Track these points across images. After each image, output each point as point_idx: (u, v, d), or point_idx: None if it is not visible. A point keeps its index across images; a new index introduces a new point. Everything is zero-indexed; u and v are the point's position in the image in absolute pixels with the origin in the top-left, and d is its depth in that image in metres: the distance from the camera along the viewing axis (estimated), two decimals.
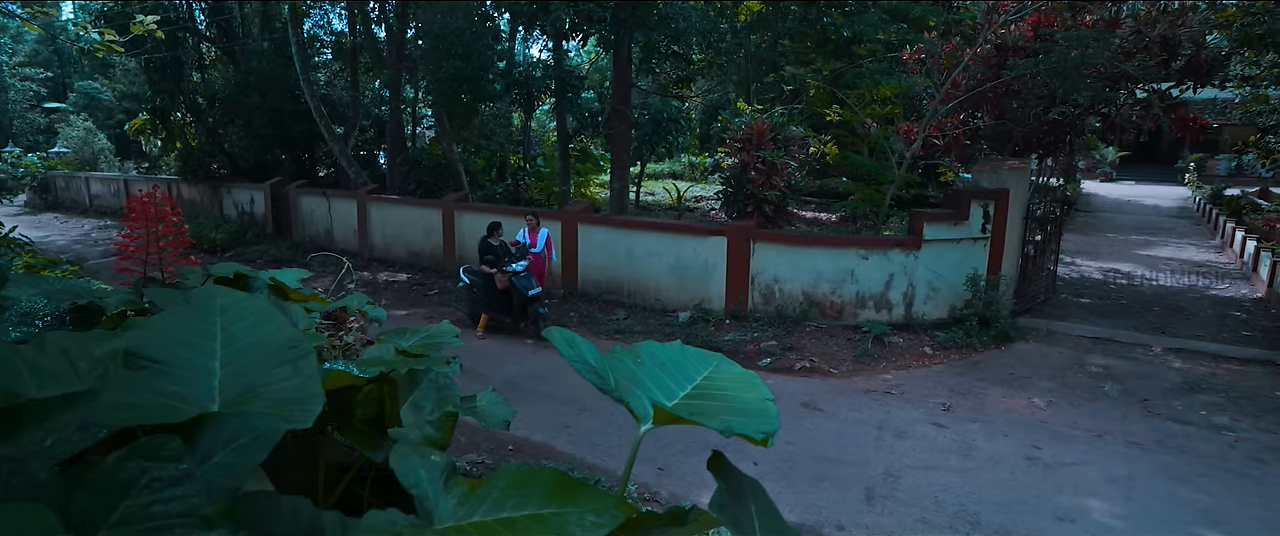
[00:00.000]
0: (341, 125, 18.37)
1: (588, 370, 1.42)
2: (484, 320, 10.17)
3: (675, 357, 1.77)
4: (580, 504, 1.34)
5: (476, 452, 6.68)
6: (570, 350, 1.44)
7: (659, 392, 1.60)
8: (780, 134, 11.49)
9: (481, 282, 10.17)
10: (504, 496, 1.37)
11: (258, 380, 1.40)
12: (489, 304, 10.16)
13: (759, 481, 2.09)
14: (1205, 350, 9.46)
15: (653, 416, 1.44)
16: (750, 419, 1.53)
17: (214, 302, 1.49)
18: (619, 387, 1.51)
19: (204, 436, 1.16)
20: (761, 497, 1.46)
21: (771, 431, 1.47)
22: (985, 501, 5.76)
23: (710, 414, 1.46)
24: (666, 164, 28.69)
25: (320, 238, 16.77)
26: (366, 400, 1.96)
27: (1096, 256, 15.90)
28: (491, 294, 10.07)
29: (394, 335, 2.34)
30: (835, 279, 10.04)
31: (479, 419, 2.24)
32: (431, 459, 1.45)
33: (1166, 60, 11.89)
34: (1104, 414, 7.51)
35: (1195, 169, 27.83)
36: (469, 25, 13.64)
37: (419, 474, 1.38)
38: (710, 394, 1.65)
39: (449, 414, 2.00)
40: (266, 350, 1.47)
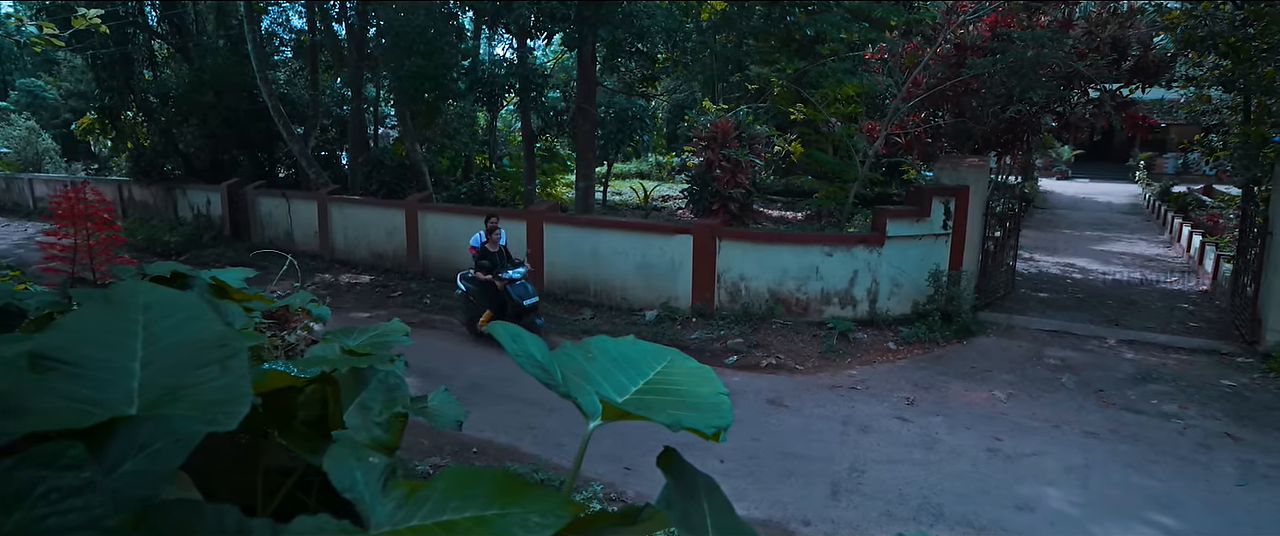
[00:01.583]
0: (301, 125, 17.97)
1: (533, 366, 1.37)
2: (487, 316, 9.58)
3: (628, 352, 1.72)
4: (525, 504, 1.29)
5: (439, 455, 6.56)
6: (515, 345, 1.39)
7: (610, 388, 1.56)
8: (745, 132, 11.54)
9: (479, 289, 9.68)
10: (445, 498, 1.31)
11: (182, 381, 1.32)
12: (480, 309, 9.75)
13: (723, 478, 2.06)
14: (1156, 341, 9.74)
15: (601, 412, 1.39)
16: (703, 413, 1.49)
17: (136, 300, 1.41)
18: (567, 384, 1.46)
19: (115, 442, 1.08)
20: (715, 494, 1.42)
21: (724, 425, 1.44)
22: (948, 493, 5.83)
23: (661, 408, 1.42)
24: (634, 164, 28.66)
25: (280, 240, 16.38)
26: (309, 401, 1.88)
27: (1054, 252, 16.29)
28: (490, 301, 9.56)
29: (341, 334, 2.26)
30: (800, 276, 10.10)
31: (429, 419, 2.17)
32: (369, 461, 1.39)
33: (1117, 60, 12.23)
34: (1062, 405, 7.68)
35: (1145, 167, 28.73)
36: (431, 23, 13.44)
37: (355, 476, 1.32)
38: (663, 389, 1.61)
39: (398, 415, 1.93)
40: (193, 349, 1.39)
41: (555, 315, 11.03)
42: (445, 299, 12.29)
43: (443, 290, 12.75)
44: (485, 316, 9.60)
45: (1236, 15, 9.75)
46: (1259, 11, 9.18)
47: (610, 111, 15.87)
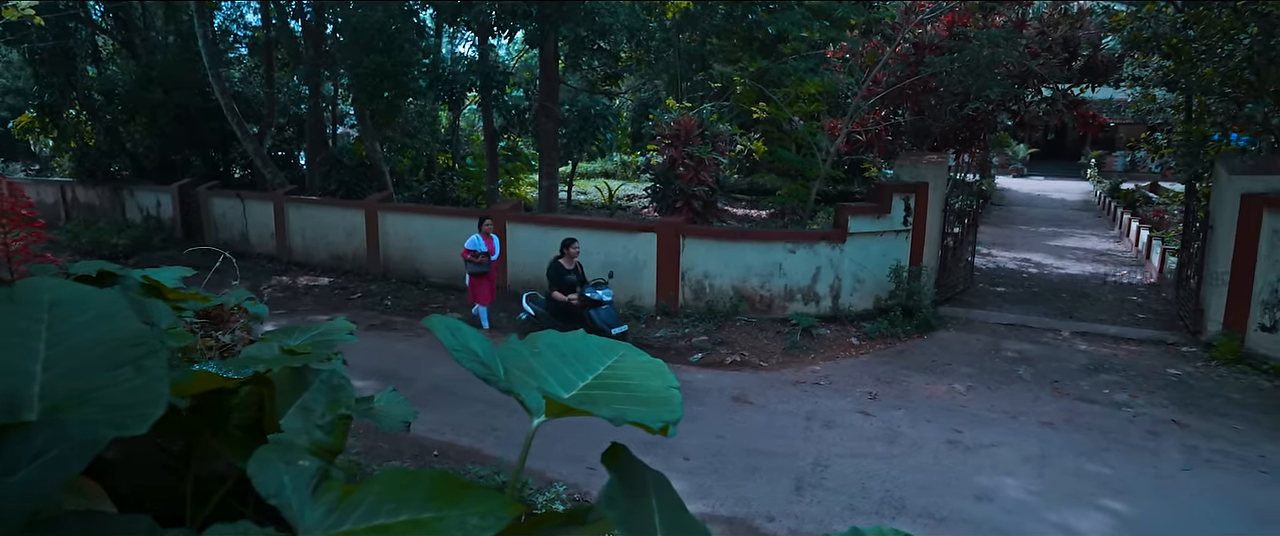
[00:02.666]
0: (257, 123, 17.48)
1: (472, 361, 1.31)
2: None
3: (577, 347, 1.67)
4: (464, 505, 1.23)
5: (400, 459, 6.43)
6: (453, 339, 1.33)
7: (556, 384, 1.51)
8: (708, 130, 11.56)
9: (556, 313, 8.42)
10: (380, 501, 1.25)
11: (91, 383, 1.23)
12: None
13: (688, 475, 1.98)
14: (1107, 333, 10.01)
15: (545, 408, 1.34)
16: (652, 408, 1.45)
17: (41, 297, 1.31)
18: (510, 380, 1.41)
19: (6, 450, 0.99)
20: (665, 491, 1.38)
21: (673, 420, 1.39)
22: (910, 486, 5.90)
23: (607, 403, 1.38)
24: (599, 163, 28.55)
25: (235, 241, 15.93)
26: (244, 404, 1.79)
27: (1010, 247, 16.68)
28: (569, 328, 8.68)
29: (282, 334, 2.16)
30: (764, 273, 10.15)
31: (375, 421, 2.09)
32: (299, 464, 1.31)
33: (1068, 60, 12.57)
34: (1019, 396, 7.84)
35: (1096, 165, 29.61)
36: (390, 19, 13.19)
37: (282, 481, 1.25)
38: (612, 383, 1.56)
39: (342, 417, 1.85)
40: (106, 349, 1.30)
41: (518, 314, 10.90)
42: (406, 301, 12.08)
43: (404, 291, 12.52)
44: None
45: (1178, 17, 10.07)
46: (1198, 15, 9.50)
47: (573, 110, 15.78)
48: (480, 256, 9.66)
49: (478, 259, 9.72)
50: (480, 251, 9.66)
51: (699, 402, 7.56)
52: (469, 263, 9.77)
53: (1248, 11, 8.76)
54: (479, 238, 9.82)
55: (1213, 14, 9.27)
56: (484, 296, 10.09)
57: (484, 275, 9.86)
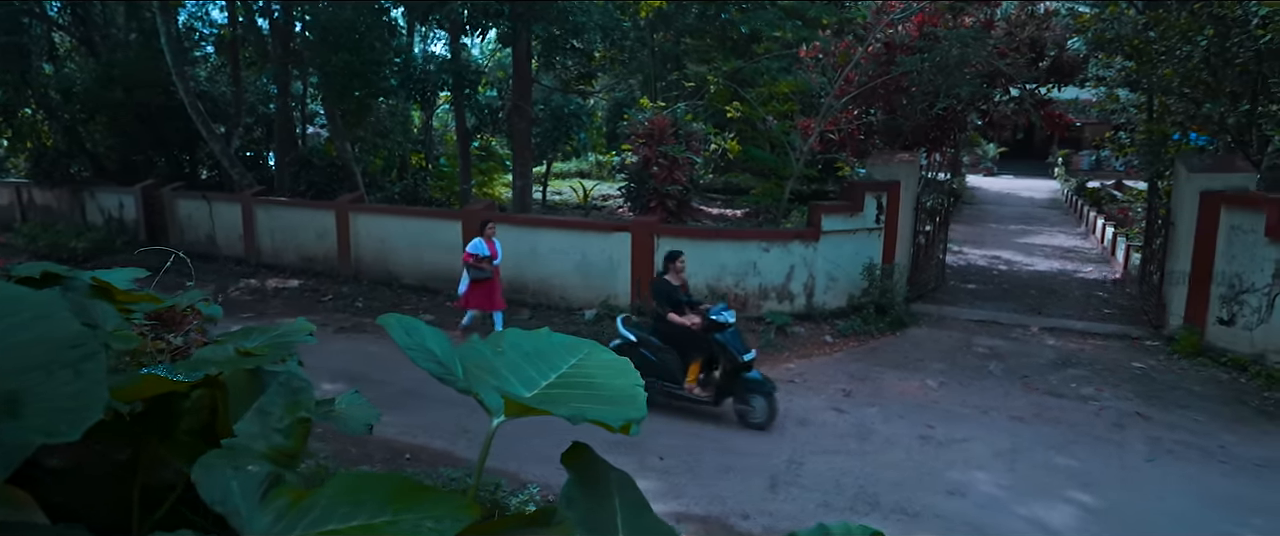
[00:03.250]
0: (224, 123, 17.13)
1: (429, 361, 1.28)
2: (694, 371, 7.09)
3: (540, 346, 1.64)
4: (420, 509, 1.20)
5: (370, 463, 6.33)
6: (408, 339, 1.29)
7: (518, 383, 1.47)
8: (682, 130, 11.57)
9: (666, 339, 7.12)
10: (333, 506, 1.21)
11: (22, 387, 1.17)
12: (669, 369, 7.04)
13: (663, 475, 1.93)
14: (1074, 328, 10.21)
15: (504, 408, 1.31)
16: (616, 407, 1.42)
17: None
18: (470, 380, 1.37)
19: None
20: (629, 490, 1.36)
21: (636, 418, 1.37)
22: (883, 482, 5.95)
23: (568, 402, 1.35)
24: (574, 163, 28.46)
25: (202, 243, 15.59)
26: (195, 408, 1.73)
27: (981, 245, 16.93)
28: (688, 353, 7.10)
29: (238, 335, 2.09)
30: (738, 272, 10.18)
31: (337, 423, 2.04)
32: (248, 469, 1.27)
33: (1035, 60, 12.79)
34: (990, 392, 7.95)
35: (1063, 163, 30.21)
36: (359, 17, 13.00)
37: (229, 487, 1.20)
38: (576, 382, 1.53)
39: (302, 420, 1.80)
40: (40, 352, 1.24)
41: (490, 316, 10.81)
42: (378, 303, 11.91)
43: (376, 293, 12.36)
44: (692, 371, 7.08)
45: (1139, 19, 10.30)
46: (1158, 17, 9.73)
47: (546, 109, 15.70)
48: (483, 261, 9.16)
49: (480, 264, 9.14)
50: (483, 256, 9.17)
51: None
52: (471, 268, 9.21)
53: (1204, 14, 8.98)
54: (482, 242, 9.32)
55: (1171, 16, 9.50)
56: (488, 302, 9.54)
57: (486, 280, 9.31)
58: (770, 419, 6.80)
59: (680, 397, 7.05)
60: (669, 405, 7.12)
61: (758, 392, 6.81)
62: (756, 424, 6.81)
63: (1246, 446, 6.59)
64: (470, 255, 9.22)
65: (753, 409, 6.83)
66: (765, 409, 6.80)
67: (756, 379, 6.82)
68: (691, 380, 7.04)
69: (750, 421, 6.84)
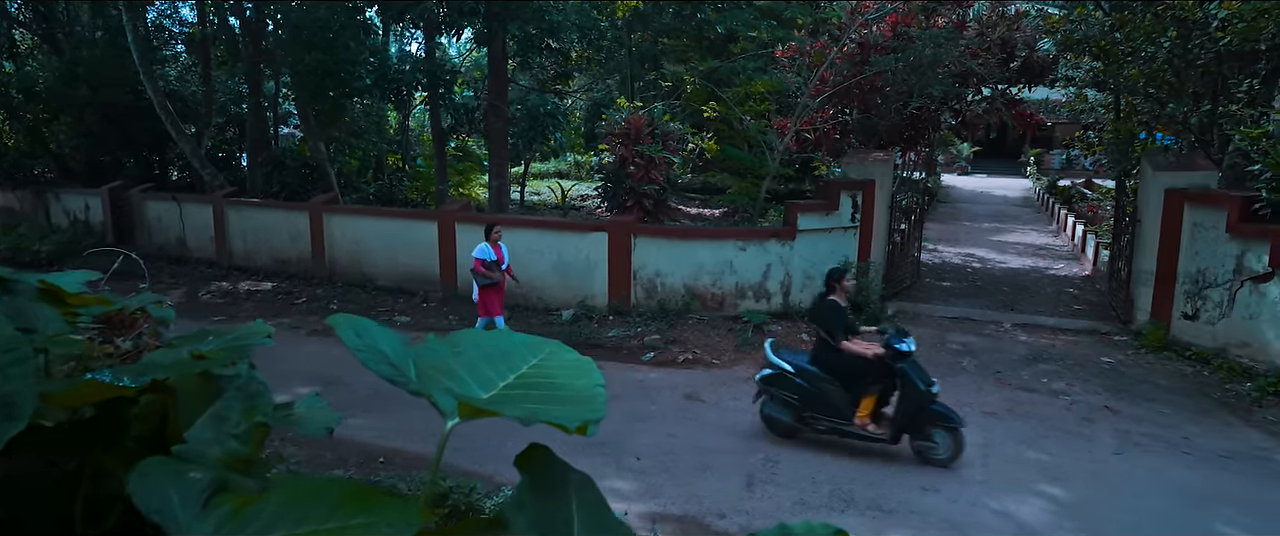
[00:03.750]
0: (194, 123, 16.81)
1: (379, 362, 1.25)
2: (869, 404, 6.27)
3: (500, 346, 1.61)
4: (371, 514, 1.17)
5: (344, 468, 6.25)
6: (358, 340, 1.26)
7: (475, 384, 1.45)
8: (658, 129, 11.57)
9: (834, 371, 6.29)
10: (279, 513, 1.17)
11: None
12: (833, 402, 6.28)
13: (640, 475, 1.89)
14: (1045, 324, 10.36)
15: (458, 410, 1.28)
16: (574, 407, 1.40)
17: None
18: (423, 381, 1.34)
19: None
20: (587, 492, 1.33)
21: (594, 418, 1.35)
22: (858, 479, 5.99)
23: (524, 403, 1.32)
24: (552, 163, 28.36)
25: (172, 246, 15.31)
26: (145, 415, 1.68)
27: (955, 243, 17.14)
28: (862, 383, 6.27)
29: (192, 338, 2.04)
30: (715, 271, 10.20)
31: (296, 427, 1.99)
32: (189, 476, 1.23)
33: (1006, 61, 12.99)
34: (964, 387, 8.04)
35: (1035, 162, 30.70)
36: (332, 16, 12.83)
37: (167, 496, 1.16)
38: (535, 382, 1.51)
39: (259, 425, 1.76)
40: None
41: (469, 317, 10.73)
42: (353, 305, 11.77)
43: (351, 295, 12.21)
44: (866, 405, 6.26)
45: (1106, 21, 10.49)
46: (1123, 19, 9.91)
47: (523, 109, 15.63)
48: (492, 266, 8.77)
49: (490, 272, 8.74)
50: (490, 260, 8.79)
51: (651, 401, 7.54)
52: (480, 276, 8.79)
53: (1167, 16, 9.17)
54: (488, 246, 8.91)
55: (1136, 18, 9.68)
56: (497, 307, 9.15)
57: (494, 285, 8.90)
58: (955, 455, 6.06)
59: (850, 434, 6.31)
60: (836, 443, 6.42)
61: (942, 427, 6.07)
62: (939, 461, 6.10)
63: (1209, 438, 6.74)
64: (479, 261, 8.80)
65: (935, 445, 6.09)
66: (950, 445, 6.07)
67: (941, 412, 6.07)
68: (865, 414, 6.26)
69: (931, 458, 6.12)
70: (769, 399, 6.59)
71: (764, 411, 6.67)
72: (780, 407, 6.52)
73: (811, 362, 6.44)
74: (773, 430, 6.64)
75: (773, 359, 6.57)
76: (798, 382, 6.35)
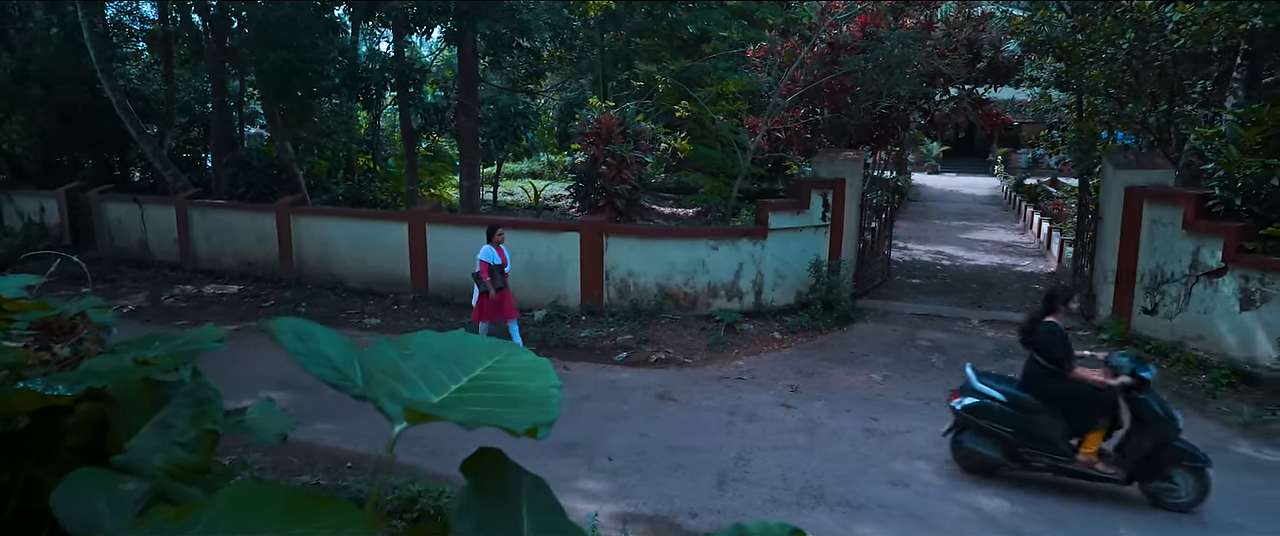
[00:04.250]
0: (156, 123, 16.41)
1: (322, 366, 1.21)
2: (1095, 440, 5.62)
3: (453, 348, 1.58)
4: (315, 521, 1.13)
5: (311, 474, 6.14)
6: (299, 343, 1.22)
7: (426, 388, 1.42)
8: (630, 128, 11.56)
9: (1047, 397, 5.69)
10: (217, 522, 1.14)
11: None
12: (1049, 435, 5.66)
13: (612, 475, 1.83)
14: (1012, 320, 10.52)
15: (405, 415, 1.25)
16: (526, 409, 1.38)
17: None
18: (369, 385, 1.31)
19: None
20: (540, 496, 1.31)
21: (546, 421, 1.33)
22: (829, 475, 6.03)
23: (474, 406, 1.30)
24: (526, 163, 28.20)
25: (133, 249, 14.92)
26: (82, 424, 1.63)
27: (925, 241, 17.38)
28: (1088, 415, 5.64)
29: (138, 344, 1.98)
30: (688, 270, 10.22)
31: (248, 433, 1.95)
32: (119, 487, 1.19)
33: (972, 61, 13.21)
34: (932, 383, 8.14)
35: (1002, 161, 31.27)
36: (298, 13, 12.60)
37: (96, 508, 1.12)
38: (488, 385, 1.48)
39: (208, 432, 1.71)
40: None
41: (441, 318, 10.63)
42: (322, 307, 11.58)
43: (320, 297, 12.01)
44: (1093, 440, 5.61)
45: (1068, 22, 10.70)
46: (1084, 20, 10.13)
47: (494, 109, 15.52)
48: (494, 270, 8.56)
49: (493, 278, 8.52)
50: (494, 264, 8.57)
51: (623, 401, 7.53)
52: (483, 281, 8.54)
53: (1126, 18, 9.38)
54: (492, 249, 8.62)
55: (1097, 20, 9.89)
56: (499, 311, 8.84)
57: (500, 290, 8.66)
58: (1200, 499, 5.39)
59: (1073, 473, 5.66)
60: (1051, 480, 5.83)
61: (1186, 466, 5.39)
62: (1179, 505, 5.43)
63: None
64: (484, 264, 8.55)
65: (1176, 487, 5.43)
66: (1193, 487, 5.39)
67: (1186, 449, 5.39)
68: (1091, 451, 5.60)
69: (1170, 502, 5.45)
70: (971, 432, 5.90)
71: (963, 444, 5.97)
72: (986, 442, 5.84)
73: (1021, 390, 5.81)
74: (965, 465, 6.02)
75: (979, 386, 5.93)
76: (1011, 414, 5.70)
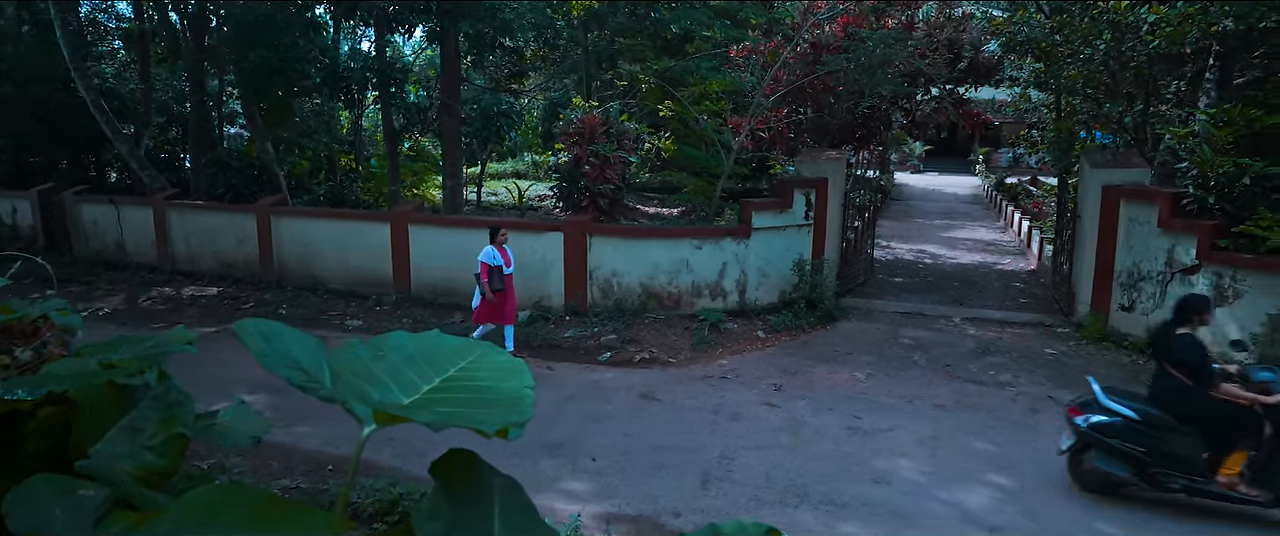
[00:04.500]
0: (132, 123, 16.14)
1: (289, 368, 1.19)
2: (1238, 460, 5.24)
3: (427, 349, 1.56)
4: (279, 527, 1.11)
5: (291, 477, 6.07)
6: (265, 344, 1.20)
7: (397, 389, 1.40)
8: (614, 128, 11.54)
9: (1182, 414, 5.36)
10: (180, 528, 1.12)
11: None
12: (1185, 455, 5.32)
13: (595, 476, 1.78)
14: (993, 317, 10.65)
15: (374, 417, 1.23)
16: (498, 410, 1.36)
17: None
18: (338, 387, 1.29)
19: None
20: (513, 496, 1.30)
21: (519, 421, 1.31)
22: (812, 474, 6.05)
23: (445, 407, 1.28)
24: (511, 163, 28.09)
25: (110, 251, 14.68)
26: (43, 430, 1.59)
27: (908, 239, 17.50)
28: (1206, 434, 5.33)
29: (105, 347, 1.94)
30: (671, 270, 10.22)
31: (219, 437, 1.91)
32: (77, 494, 1.16)
33: (953, 61, 13.32)
34: (914, 381, 8.20)
35: (984, 161, 31.58)
36: (277, 11, 12.46)
37: (51, 516, 1.09)
38: (461, 386, 1.46)
39: (178, 436, 1.68)
40: None
41: (424, 319, 10.56)
42: (303, 309, 11.46)
43: (301, 299, 11.89)
44: (1235, 461, 5.23)
45: (1046, 23, 10.83)
46: (1063, 22, 10.25)
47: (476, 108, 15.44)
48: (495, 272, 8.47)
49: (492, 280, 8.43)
50: (494, 266, 8.47)
51: (607, 401, 7.51)
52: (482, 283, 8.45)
53: (1103, 19, 9.50)
54: (494, 251, 8.51)
55: (1074, 21, 10.01)
56: (498, 315, 8.77)
57: (500, 293, 8.58)
58: None
59: (1211, 495, 5.33)
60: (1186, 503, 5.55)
61: None
62: None
63: None
64: (485, 265, 8.45)
65: None
66: None
67: None
68: (1233, 472, 5.24)
69: None
70: (1098, 450, 5.52)
71: (1092, 464, 5.58)
72: (1117, 461, 5.44)
73: (1153, 406, 5.47)
74: (1087, 484, 5.68)
75: (1108, 403, 5.51)
76: (1145, 432, 5.34)
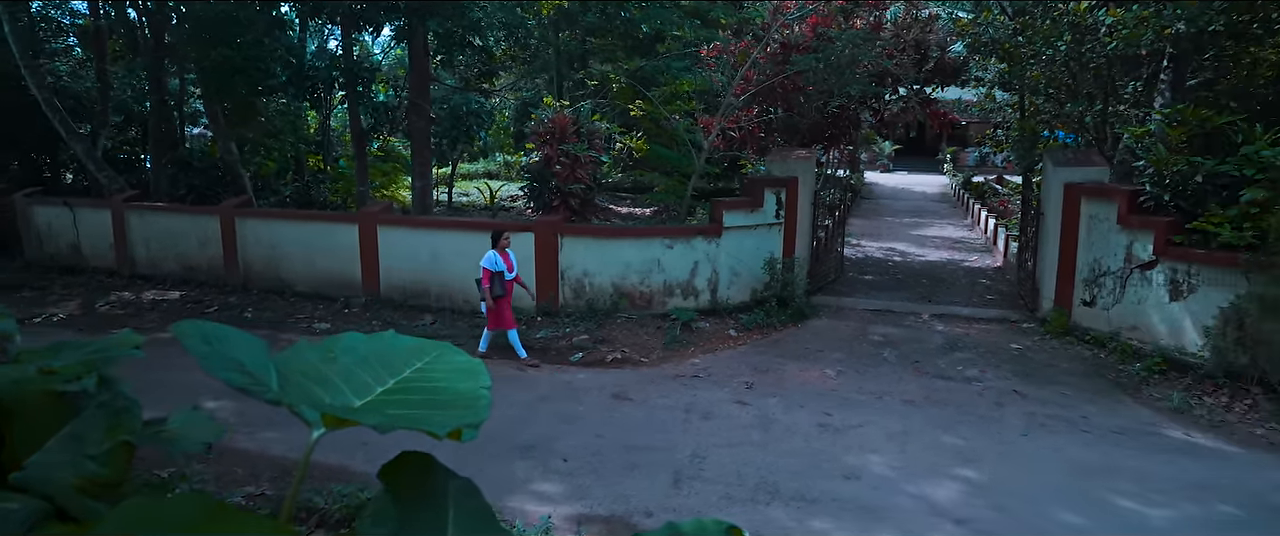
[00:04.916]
0: (90, 122, 15.68)
1: (232, 371, 1.16)
2: None
3: (380, 350, 1.53)
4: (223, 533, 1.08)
5: (256, 484, 5.96)
6: (206, 346, 1.17)
7: (350, 391, 1.37)
8: (584, 128, 11.51)
9: None
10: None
11: None
12: None
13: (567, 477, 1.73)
14: (960, 314, 10.83)
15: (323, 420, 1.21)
16: (454, 411, 1.34)
17: None
18: (285, 390, 1.26)
19: None
20: (470, 499, 1.28)
21: (473, 423, 1.29)
22: (783, 471, 6.09)
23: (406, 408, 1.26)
24: (482, 164, 27.89)
25: (65, 254, 14.26)
26: None
27: (877, 237, 17.72)
28: None
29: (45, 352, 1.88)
30: (643, 269, 10.22)
31: (169, 444, 1.86)
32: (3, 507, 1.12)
33: (920, 61, 13.52)
34: (884, 377, 8.30)
35: (951, 160, 32.13)
36: (239, 8, 12.20)
37: None
38: (415, 388, 1.44)
39: (123, 444, 1.62)
40: None
41: (393, 322, 10.42)
42: (269, 313, 11.25)
43: (267, 302, 11.66)
44: None
45: (1010, 25, 11.05)
46: (1025, 24, 10.46)
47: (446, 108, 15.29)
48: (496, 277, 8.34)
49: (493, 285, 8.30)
50: (496, 271, 8.34)
51: (579, 402, 7.48)
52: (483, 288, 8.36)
53: (1063, 21, 9.72)
54: (496, 255, 8.39)
55: (1036, 22, 10.22)
56: (505, 320, 8.68)
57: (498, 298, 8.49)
58: None
59: None
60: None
61: None
62: None
63: (1104, 416, 7.18)
64: (488, 272, 8.31)
65: None
66: None
67: None
68: None
69: None
70: None
71: None
72: None
73: None
74: None
75: None
76: None
